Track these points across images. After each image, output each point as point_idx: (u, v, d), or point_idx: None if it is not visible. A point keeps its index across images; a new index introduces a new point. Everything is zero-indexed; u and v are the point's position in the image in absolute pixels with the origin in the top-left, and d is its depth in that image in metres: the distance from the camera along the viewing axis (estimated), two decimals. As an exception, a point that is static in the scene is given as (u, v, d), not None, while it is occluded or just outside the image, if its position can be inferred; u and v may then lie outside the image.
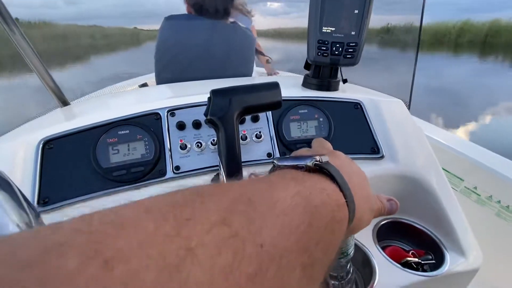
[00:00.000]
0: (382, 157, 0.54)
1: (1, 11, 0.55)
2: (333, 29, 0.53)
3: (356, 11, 0.52)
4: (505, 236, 0.94)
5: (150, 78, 2.49)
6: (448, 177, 1.18)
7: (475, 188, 1.14)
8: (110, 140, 0.48)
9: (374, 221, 0.57)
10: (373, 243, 0.53)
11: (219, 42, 0.96)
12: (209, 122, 0.36)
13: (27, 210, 0.17)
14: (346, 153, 0.55)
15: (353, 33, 0.53)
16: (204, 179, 0.51)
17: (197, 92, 0.62)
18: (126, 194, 0.47)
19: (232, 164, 0.36)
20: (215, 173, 0.52)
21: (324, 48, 0.53)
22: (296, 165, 0.24)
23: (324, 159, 0.25)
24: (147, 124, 0.51)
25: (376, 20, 0.55)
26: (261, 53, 2.23)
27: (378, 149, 0.54)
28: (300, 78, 0.66)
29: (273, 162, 0.26)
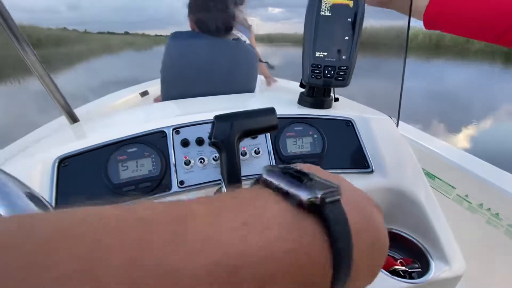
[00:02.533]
0: (372, 171, 0.58)
1: (16, 35, 0.60)
2: (325, 53, 0.57)
3: (347, 38, 0.56)
4: (495, 243, 0.98)
5: (151, 85, 2.53)
6: (441, 185, 1.22)
7: (467, 196, 1.18)
8: (120, 157, 0.52)
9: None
10: None
11: (222, 59, 1.00)
12: (213, 144, 0.40)
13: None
14: (338, 169, 0.59)
15: (344, 57, 0.57)
16: (207, 192, 0.55)
17: (201, 110, 0.66)
18: None
19: (233, 181, 0.40)
20: (217, 187, 0.56)
21: (317, 72, 0.57)
22: (286, 191, 0.17)
23: (333, 197, 0.16)
24: (154, 141, 0.55)
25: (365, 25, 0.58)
26: (260, 60, 2.28)
27: (368, 164, 0.59)
28: (296, 94, 0.71)
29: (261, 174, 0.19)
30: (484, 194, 1.11)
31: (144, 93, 2.38)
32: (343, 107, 0.68)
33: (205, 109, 0.70)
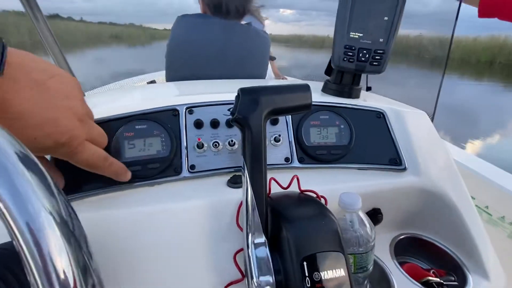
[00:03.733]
0: (405, 169, 0.52)
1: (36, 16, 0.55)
2: (361, 34, 0.51)
3: (386, 18, 0.51)
4: None
5: (158, 75, 2.49)
6: None
7: (487, 207, 1.11)
8: (127, 134, 0.47)
9: (391, 235, 0.55)
10: (390, 258, 0.51)
11: (234, 42, 0.95)
12: (235, 121, 0.35)
13: (57, 197, 0.15)
14: (366, 164, 0.53)
15: (381, 40, 0.51)
16: (219, 180, 0.50)
17: (216, 90, 0.61)
18: (140, 190, 0.45)
19: (257, 166, 0.35)
20: (231, 175, 0.50)
21: (351, 54, 0.51)
22: None
23: None
24: (165, 120, 0.49)
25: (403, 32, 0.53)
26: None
27: (400, 161, 0.53)
28: (316, 83, 0.65)
29: None
30: (507, 207, 1.04)
31: (151, 82, 2.34)
32: (371, 99, 0.62)
33: (221, 89, 0.64)
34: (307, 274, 0.29)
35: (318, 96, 0.60)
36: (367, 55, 0.51)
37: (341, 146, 0.53)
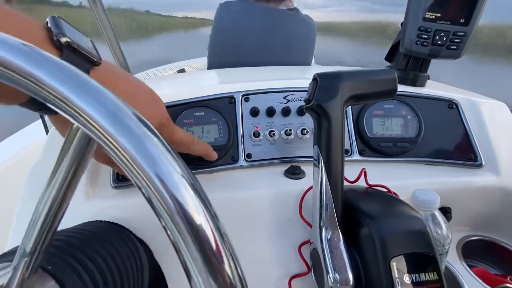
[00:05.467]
0: (481, 165, 0.47)
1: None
2: (438, 15, 0.46)
3: (470, -5, 0.45)
4: None
5: (188, 64, 2.50)
6: None
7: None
8: (186, 120, 0.46)
9: (457, 236, 0.51)
10: (458, 259, 0.47)
11: (279, 29, 0.92)
12: (311, 109, 0.32)
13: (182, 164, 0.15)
14: (437, 159, 0.49)
15: (462, 20, 0.46)
16: (276, 170, 0.48)
17: (270, 77, 0.58)
18: (199, 177, 0.45)
19: (334, 157, 0.32)
20: (286, 165, 0.48)
21: (425, 37, 0.46)
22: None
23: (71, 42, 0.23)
24: (222, 107, 0.48)
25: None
26: None
27: (476, 156, 0.48)
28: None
29: None
30: None
31: (181, 71, 2.36)
32: (438, 87, 0.57)
33: (276, 76, 0.62)
34: (396, 276, 0.27)
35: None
36: (444, 38, 0.46)
37: (407, 139, 0.49)
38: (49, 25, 0.22)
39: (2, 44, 0.13)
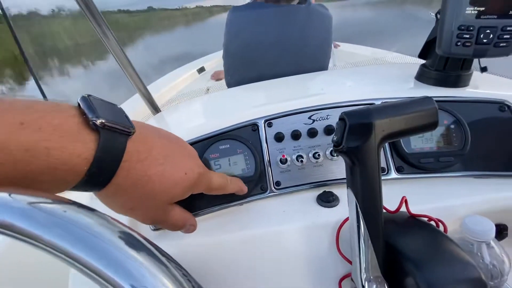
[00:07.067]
0: (542, 177, 0.41)
1: (98, 22, 0.56)
2: (481, 9, 0.40)
3: (521, -20, 0.38)
4: None
5: (206, 60, 2.49)
6: None
7: None
8: (212, 155, 0.46)
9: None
10: None
11: (292, 28, 0.89)
12: (343, 152, 0.30)
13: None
14: (487, 171, 0.44)
15: (511, 12, 0.39)
16: (308, 196, 0.47)
17: (291, 97, 0.56)
18: (229, 210, 0.45)
19: (371, 202, 0.30)
20: (318, 190, 0.47)
21: (468, 36, 0.40)
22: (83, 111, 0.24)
23: (116, 127, 0.24)
24: (245, 136, 0.47)
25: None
26: None
27: (536, 166, 0.42)
28: (401, 66, 0.55)
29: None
30: None
31: (201, 70, 2.36)
32: (486, 84, 0.50)
33: (296, 95, 0.59)
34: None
35: (414, 88, 0.51)
36: (490, 35, 0.40)
37: (451, 152, 0.44)
38: (81, 107, 0.23)
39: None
